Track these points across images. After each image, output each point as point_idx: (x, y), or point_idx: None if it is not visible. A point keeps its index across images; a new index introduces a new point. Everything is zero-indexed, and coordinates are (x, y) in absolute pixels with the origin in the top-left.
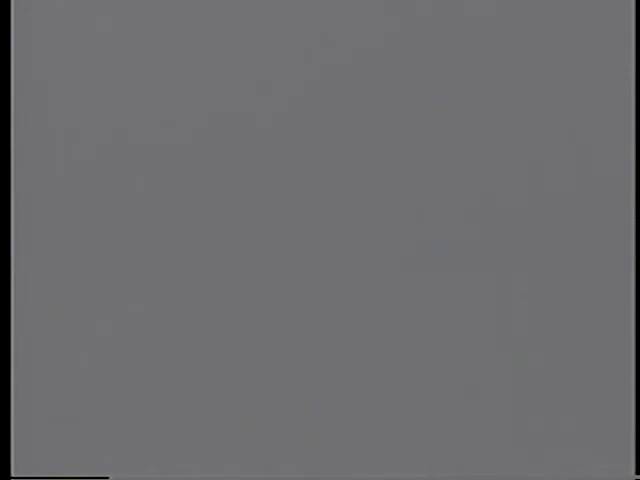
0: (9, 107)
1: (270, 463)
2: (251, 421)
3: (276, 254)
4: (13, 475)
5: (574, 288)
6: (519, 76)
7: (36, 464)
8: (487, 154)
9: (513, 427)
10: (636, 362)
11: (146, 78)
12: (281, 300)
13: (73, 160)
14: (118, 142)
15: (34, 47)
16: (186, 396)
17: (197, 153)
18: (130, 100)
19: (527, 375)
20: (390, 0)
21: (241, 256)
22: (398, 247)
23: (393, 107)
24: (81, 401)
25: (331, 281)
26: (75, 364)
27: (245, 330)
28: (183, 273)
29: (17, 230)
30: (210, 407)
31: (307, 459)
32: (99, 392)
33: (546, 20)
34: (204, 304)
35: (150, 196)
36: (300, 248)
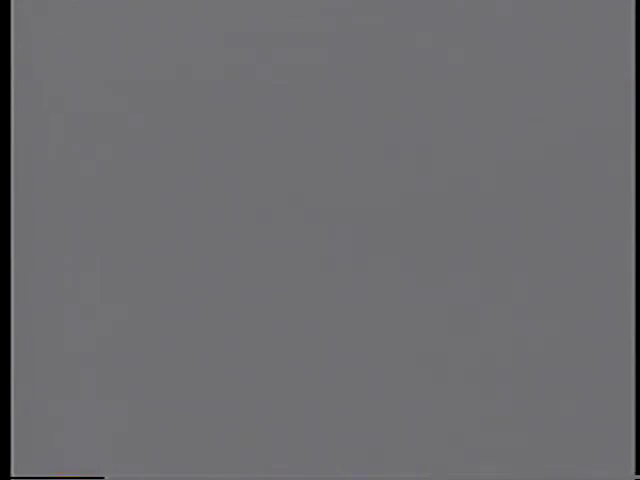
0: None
1: (269, 463)
2: (250, 421)
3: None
4: (13, 475)
5: (572, 282)
6: (516, 75)
7: (36, 464)
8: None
9: (513, 427)
10: (636, 362)
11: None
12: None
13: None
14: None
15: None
16: (185, 396)
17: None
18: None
19: (527, 375)
20: None
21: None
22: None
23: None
24: (81, 401)
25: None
26: (75, 364)
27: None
28: (188, 274)
29: (17, 221)
30: (208, 407)
31: (307, 459)
32: (99, 392)
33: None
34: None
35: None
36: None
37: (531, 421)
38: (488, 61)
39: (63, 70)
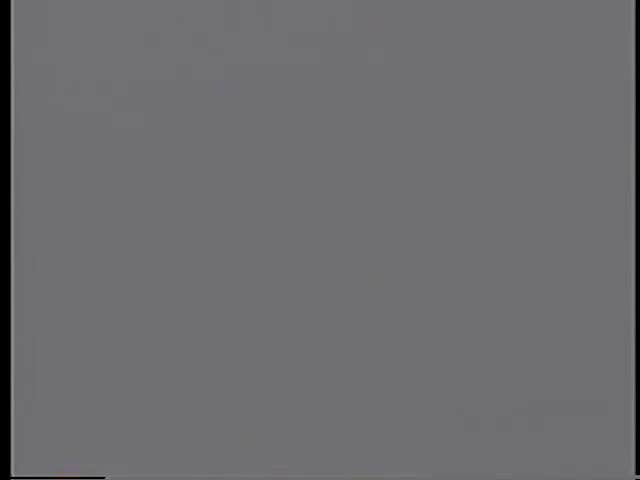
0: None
1: (269, 463)
2: (251, 421)
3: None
4: (13, 475)
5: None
6: (516, 75)
7: (36, 464)
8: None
9: (512, 426)
10: (636, 362)
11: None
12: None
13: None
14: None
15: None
16: (185, 396)
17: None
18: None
19: (527, 374)
20: None
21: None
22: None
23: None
24: (81, 401)
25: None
26: (75, 364)
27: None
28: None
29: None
30: (207, 406)
31: (307, 459)
32: (98, 392)
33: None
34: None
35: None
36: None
37: (531, 421)
38: (487, 61)
39: (63, 69)
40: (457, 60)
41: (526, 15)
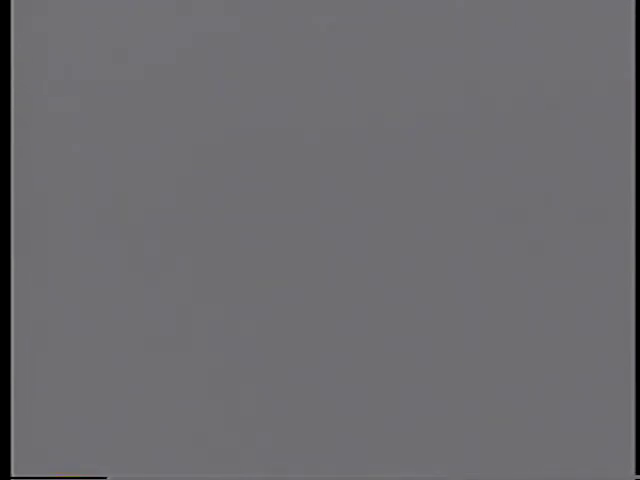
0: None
1: (268, 462)
2: (251, 421)
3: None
4: (13, 475)
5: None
6: (515, 74)
7: (36, 464)
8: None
9: (513, 426)
10: (636, 362)
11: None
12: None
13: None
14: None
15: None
16: (186, 397)
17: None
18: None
19: (527, 375)
20: None
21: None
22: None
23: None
24: (81, 402)
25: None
26: (75, 364)
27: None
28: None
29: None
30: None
31: (307, 459)
32: (98, 393)
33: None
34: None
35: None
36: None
37: (531, 421)
38: (486, 60)
39: (63, 69)
40: (453, 77)
41: (526, 15)
